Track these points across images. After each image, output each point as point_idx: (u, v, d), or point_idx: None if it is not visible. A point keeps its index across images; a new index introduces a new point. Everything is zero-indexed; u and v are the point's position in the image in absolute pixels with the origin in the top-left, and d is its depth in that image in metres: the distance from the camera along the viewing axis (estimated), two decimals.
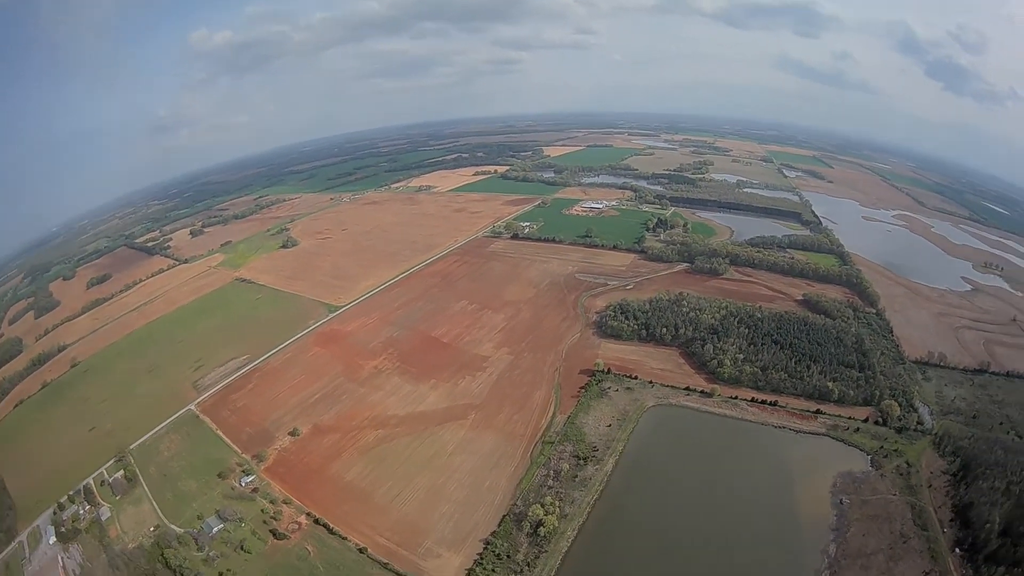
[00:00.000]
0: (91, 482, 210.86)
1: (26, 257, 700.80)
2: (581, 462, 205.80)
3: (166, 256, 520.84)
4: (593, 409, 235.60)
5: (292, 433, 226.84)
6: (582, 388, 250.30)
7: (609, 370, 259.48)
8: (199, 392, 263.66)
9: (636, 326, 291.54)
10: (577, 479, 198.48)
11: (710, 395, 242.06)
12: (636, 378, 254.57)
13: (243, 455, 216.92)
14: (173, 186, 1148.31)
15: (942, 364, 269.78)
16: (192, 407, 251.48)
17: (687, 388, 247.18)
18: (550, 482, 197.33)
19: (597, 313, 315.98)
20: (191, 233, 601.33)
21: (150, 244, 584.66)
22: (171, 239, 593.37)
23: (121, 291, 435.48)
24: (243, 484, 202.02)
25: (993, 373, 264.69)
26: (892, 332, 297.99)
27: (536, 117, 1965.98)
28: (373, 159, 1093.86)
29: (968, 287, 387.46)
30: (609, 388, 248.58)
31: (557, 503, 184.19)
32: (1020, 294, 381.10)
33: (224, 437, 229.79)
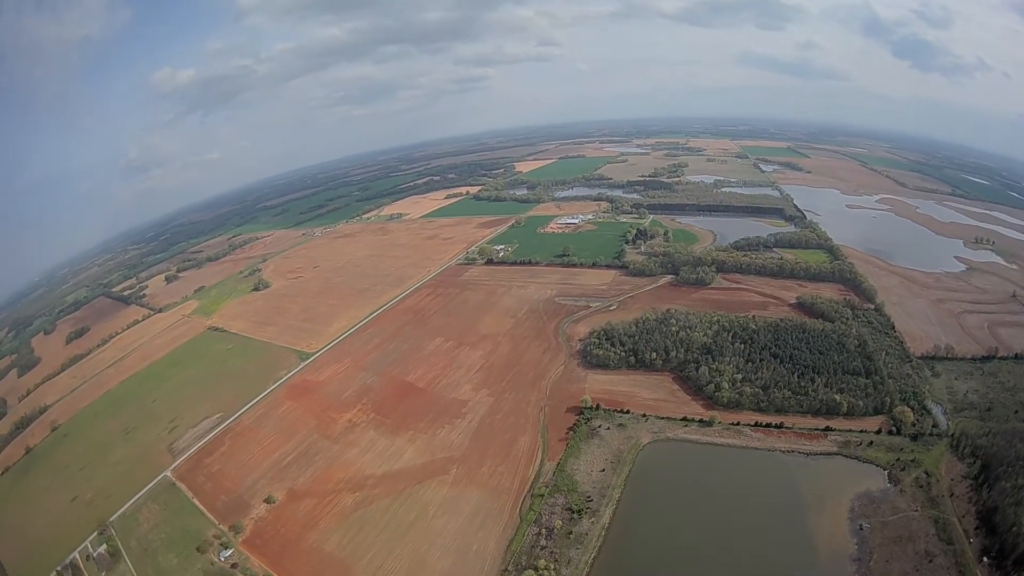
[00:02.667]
0: (77, 556, 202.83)
1: (10, 310, 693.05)
2: (575, 516, 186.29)
3: (141, 306, 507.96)
4: (584, 452, 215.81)
5: (268, 500, 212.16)
6: (570, 429, 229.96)
7: (598, 405, 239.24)
8: (174, 456, 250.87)
9: (623, 352, 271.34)
10: (572, 536, 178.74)
11: (710, 424, 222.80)
12: (628, 412, 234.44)
13: (220, 526, 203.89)
14: (150, 228, 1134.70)
15: (949, 356, 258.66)
16: (168, 473, 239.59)
17: (684, 418, 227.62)
18: (543, 541, 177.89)
19: (580, 340, 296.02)
20: (166, 279, 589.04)
21: (126, 293, 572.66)
22: (147, 286, 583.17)
23: (98, 345, 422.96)
24: (222, 559, 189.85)
25: (1002, 358, 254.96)
26: (894, 328, 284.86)
27: (506, 133, 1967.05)
28: (345, 188, 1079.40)
29: (963, 267, 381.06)
30: (600, 426, 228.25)
31: (552, 565, 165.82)
32: (1015, 267, 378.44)
33: (200, 506, 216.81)
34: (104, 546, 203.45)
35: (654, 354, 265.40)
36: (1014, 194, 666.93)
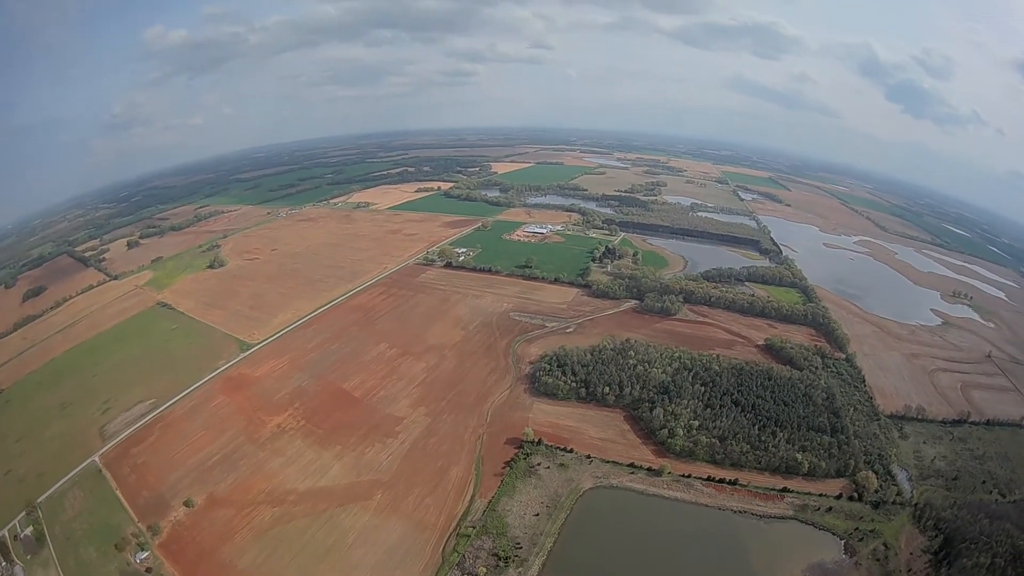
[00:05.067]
0: (6, 535, 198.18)
1: None
2: (501, 563, 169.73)
3: (99, 270, 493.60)
4: (519, 492, 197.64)
5: (187, 504, 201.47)
6: (507, 463, 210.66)
7: (540, 440, 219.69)
8: (104, 440, 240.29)
9: (574, 383, 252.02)
10: None
11: (659, 473, 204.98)
12: (572, 451, 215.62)
13: (139, 524, 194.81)
14: (124, 188, 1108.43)
15: (919, 418, 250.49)
16: (96, 458, 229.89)
17: (632, 465, 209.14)
18: None
19: (531, 363, 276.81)
20: (128, 244, 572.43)
21: (88, 254, 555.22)
22: (108, 249, 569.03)
23: (51, 308, 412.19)
24: (138, 560, 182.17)
25: (973, 423, 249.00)
26: (864, 382, 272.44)
27: (487, 131, 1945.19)
28: (320, 169, 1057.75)
29: (939, 320, 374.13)
30: (539, 464, 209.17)
31: None
32: (991, 324, 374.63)
33: (123, 499, 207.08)
34: (31, 528, 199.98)
35: (607, 388, 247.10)
36: (994, 248, 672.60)
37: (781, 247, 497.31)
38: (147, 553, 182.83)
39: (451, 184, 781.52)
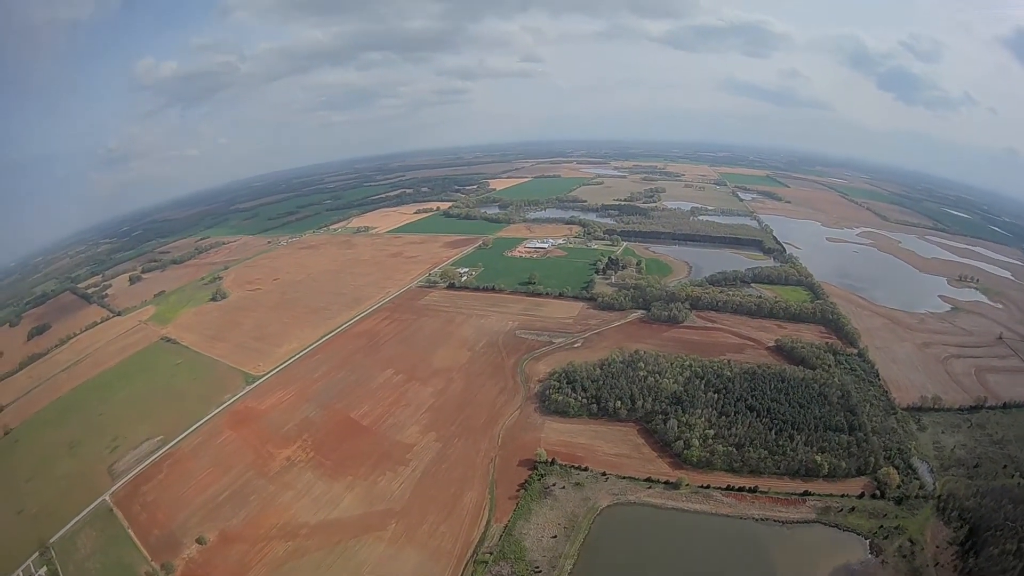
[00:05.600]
0: (20, 575, 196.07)
1: None
2: None
3: (102, 306, 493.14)
4: (535, 514, 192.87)
5: (199, 541, 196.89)
6: (521, 486, 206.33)
7: (554, 460, 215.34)
8: (113, 479, 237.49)
9: (585, 399, 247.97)
10: None
11: (676, 486, 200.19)
12: (586, 469, 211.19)
13: (152, 563, 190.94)
14: (125, 222, 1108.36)
15: (936, 407, 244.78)
16: (106, 497, 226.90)
17: (648, 479, 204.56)
18: None
19: (539, 382, 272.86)
20: (130, 280, 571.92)
21: (90, 291, 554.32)
22: (111, 285, 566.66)
23: (56, 345, 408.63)
24: None
25: (989, 408, 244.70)
26: (878, 376, 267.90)
27: (483, 148, 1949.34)
28: (318, 196, 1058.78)
29: (947, 307, 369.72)
30: (554, 485, 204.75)
31: None
32: (1000, 306, 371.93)
33: (135, 538, 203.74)
34: (44, 568, 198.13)
35: (619, 402, 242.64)
36: (996, 228, 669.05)
37: (784, 245, 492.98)
38: None
39: (450, 203, 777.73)
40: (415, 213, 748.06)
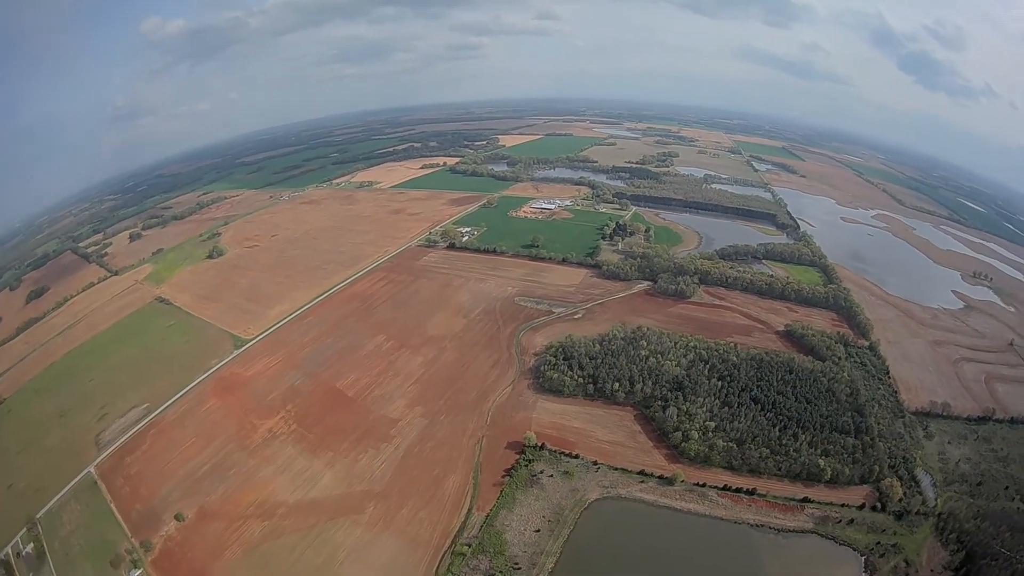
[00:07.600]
0: (9, 552, 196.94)
1: None
2: None
3: (100, 265, 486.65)
4: (519, 504, 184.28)
5: (177, 518, 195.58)
6: (507, 472, 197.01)
7: (543, 445, 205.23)
8: (99, 449, 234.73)
9: (581, 378, 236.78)
10: None
11: (671, 482, 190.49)
12: (577, 456, 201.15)
13: (132, 539, 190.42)
14: (131, 178, 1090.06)
15: (944, 414, 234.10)
16: (91, 469, 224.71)
17: (642, 472, 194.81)
18: None
19: (535, 355, 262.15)
20: (130, 237, 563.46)
21: (90, 250, 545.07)
22: (111, 243, 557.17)
23: (53, 308, 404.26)
24: None
25: (997, 421, 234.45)
26: (888, 373, 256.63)
27: (496, 103, 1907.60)
28: (324, 149, 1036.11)
29: (961, 304, 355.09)
30: (542, 473, 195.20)
31: None
32: (1012, 309, 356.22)
33: (117, 513, 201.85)
34: (32, 545, 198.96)
35: (617, 384, 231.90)
36: (1010, 226, 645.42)
37: (798, 221, 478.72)
38: (140, 571, 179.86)
39: (457, 159, 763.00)
40: (421, 168, 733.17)
